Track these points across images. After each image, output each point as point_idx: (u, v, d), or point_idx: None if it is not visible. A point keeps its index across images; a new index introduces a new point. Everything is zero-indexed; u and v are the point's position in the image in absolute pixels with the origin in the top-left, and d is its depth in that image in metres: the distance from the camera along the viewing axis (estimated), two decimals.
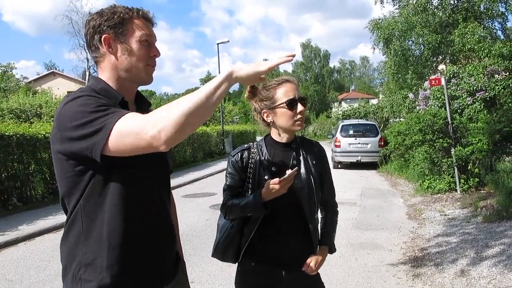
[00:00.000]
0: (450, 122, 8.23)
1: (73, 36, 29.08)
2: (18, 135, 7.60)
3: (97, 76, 1.45)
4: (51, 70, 40.20)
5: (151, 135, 1.14)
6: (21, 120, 16.12)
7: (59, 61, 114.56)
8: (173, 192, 1.73)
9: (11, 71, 46.80)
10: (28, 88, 27.24)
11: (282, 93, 1.86)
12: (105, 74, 1.43)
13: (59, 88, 31.54)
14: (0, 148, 7.28)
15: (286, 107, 1.84)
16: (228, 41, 21.85)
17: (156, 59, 1.48)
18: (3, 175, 7.62)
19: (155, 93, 76.48)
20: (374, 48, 15.13)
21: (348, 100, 48.58)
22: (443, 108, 8.67)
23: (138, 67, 1.42)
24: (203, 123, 1.19)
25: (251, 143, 2.01)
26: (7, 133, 7.41)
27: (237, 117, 35.32)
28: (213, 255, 2.02)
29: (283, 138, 1.94)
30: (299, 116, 1.85)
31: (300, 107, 1.85)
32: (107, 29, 1.38)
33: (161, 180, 1.54)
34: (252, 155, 1.94)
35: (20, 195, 8.00)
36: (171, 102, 1.19)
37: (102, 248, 1.32)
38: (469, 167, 8.16)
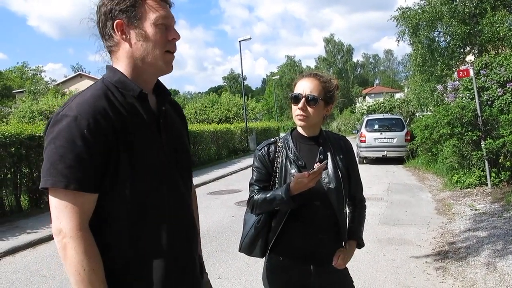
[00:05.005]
0: (479, 114, 8.00)
1: (98, 38, 29.67)
2: None
3: (113, 66, 1.32)
4: (78, 72, 41.21)
5: (57, 229, 1.17)
6: None
7: (83, 63, 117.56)
8: (198, 189, 1.69)
9: (40, 74, 48.36)
10: (57, 90, 28.01)
11: (296, 88, 1.92)
12: (121, 64, 1.30)
13: None
14: (31, 149, 7.52)
15: (291, 101, 1.92)
16: (250, 38, 21.88)
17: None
18: (34, 174, 7.86)
19: (179, 92, 77.52)
20: (398, 41, 14.82)
21: (373, 95, 47.90)
22: (473, 100, 8.43)
23: (154, 54, 1.27)
24: None
25: (277, 137, 2.02)
26: (37, 134, 7.63)
27: (260, 114, 35.32)
28: (240, 250, 2.02)
29: (304, 132, 1.95)
30: (297, 111, 1.87)
31: (301, 104, 1.86)
32: (119, 13, 1.25)
33: (175, 181, 1.37)
34: (279, 149, 1.95)
35: None
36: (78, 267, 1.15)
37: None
38: (500, 160, 7.90)
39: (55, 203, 1.17)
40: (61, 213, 1.16)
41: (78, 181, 1.14)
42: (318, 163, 1.74)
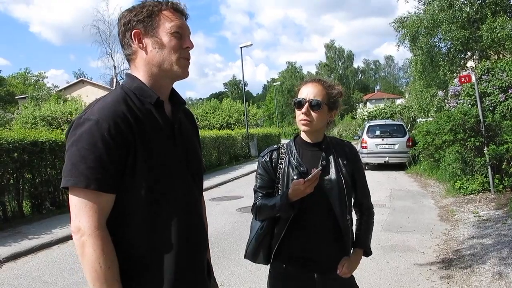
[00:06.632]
0: (482, 120, 7.98)
1: (100, 44, 29.85)
2: (50, 142, 7.82)
3: (132, 74, 1.41)
4: (80, 79, 41.29)
5: (76, 227, 1.22)
6: (53, 127, 16.65)
7: (85, 69, 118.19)
8: None
9: (42, 80, 48.62)
10: (59, 96, 28.05)
11: (299, 93, 1.91)
12: (139, 72, 1.39)
13: (88, 96, 32.38)
14: (34, 154, 7.51)
15: (295, 106, 1.91)
16: (251, 45, 21.93)
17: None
18: (37, 180, 7.87)
19: None
20: (398, 46, 14.85)
21: (373, 101, 47.96)
22: (475, 106, 8.42)
23: (170, 60, 1.35)
24: None
25: (281, 144, 2.01)
26: (40, 140, 7.64)
27: (262, 120, 35.34)
28: (245, 257, 2.01)
29: (308, 138, 1.94)
30: (301, 116, 1.87)
31: (304, 108, 1.85)
32: (136, 24, 1.34)
33: (188, 186, 1.44)
34: (282, 155, 1.95)
35: (53, 200, 8.23)
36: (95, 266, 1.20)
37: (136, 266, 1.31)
38: (503, 166, 7.87)
39: (75, 202, 1.22)
40: (81, 211, 1.21)
41: (98, 182, 1.20)
42: (314, 169, 1.74)
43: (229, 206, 8.63)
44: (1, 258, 5.33)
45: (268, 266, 1.99)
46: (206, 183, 11.57)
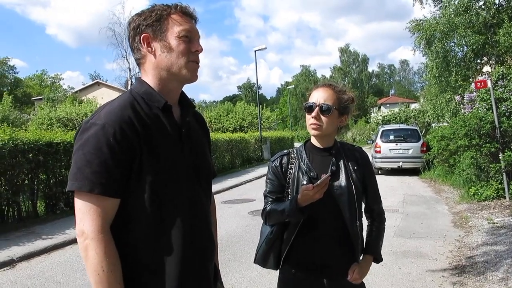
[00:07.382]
0: (497, 126, 7.86)
1: (116, 47, 30.27)
2: (65, 143, 7.93)
3: (141, 78, 1.41)
4: (96, 81, 41.88)
5: (80, 230, 1.23)
6: (68, 128, 16.90)
7: (100, 71, 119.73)
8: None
9: (58, 82, 49.40)
10: (74, 97, 28.49)
11: (310, 98, 1.91)
12: (148, 76, 1.39)
13: (103, 98, 32.82)
14: (49, 155, 7.64)
15: (305, 111, 1.91)
16: (266, 48, 21.99)
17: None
18: (51, 180, 7.99)
19: (194, 101, 78.22)
20: (414, 50, 14.74)
21: (388, 105, 47.64)
22: (490, 111, 8.29)
23: (179, 64, 1.34)
24: None
25: (291, 149, 2.02)
26: (55, 141, 7.76)
27: (275, 123, 35.34)
28: (255, 262, 2.01)
29: (318, 143, 1.93)
30: (311, 120, 1.87)
31: (314, 113, 1.85)
32: (145, 28, 1.34)
33: (195, 190, 1.42)
34: (292, 160, 1.94)
35: (67, 200, 8.33)
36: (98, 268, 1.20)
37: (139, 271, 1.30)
38: None
39: (79, 205, 1.24)
40: (85, 215, 1.22)
41: (102, 186, 1.20)
42: (323, 174, 1.73)
43: (241, 209, 8.64)
44: (15, 257, 5.41)
45: (278, 270, 1.99)
46: (219, 186, 11.63)
